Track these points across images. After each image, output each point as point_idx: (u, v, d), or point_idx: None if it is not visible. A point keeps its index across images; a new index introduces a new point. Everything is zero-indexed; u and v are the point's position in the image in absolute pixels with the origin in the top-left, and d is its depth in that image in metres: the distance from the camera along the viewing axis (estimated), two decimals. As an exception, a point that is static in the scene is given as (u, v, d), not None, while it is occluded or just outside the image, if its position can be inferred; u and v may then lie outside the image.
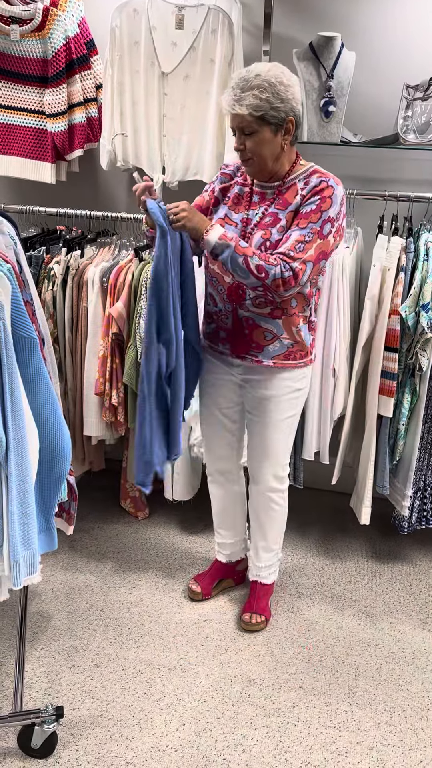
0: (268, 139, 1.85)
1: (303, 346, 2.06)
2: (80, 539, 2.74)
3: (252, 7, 2.63)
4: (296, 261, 1.83)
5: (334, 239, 1.90)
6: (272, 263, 1.83)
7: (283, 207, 1.92)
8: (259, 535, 2.30)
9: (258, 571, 2.34)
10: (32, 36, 2.59)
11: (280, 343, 2.02)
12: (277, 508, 2.26)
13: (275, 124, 1.83)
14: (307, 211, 1.86)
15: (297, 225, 1.86)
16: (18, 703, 1.83)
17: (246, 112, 1.80)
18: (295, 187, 1.92)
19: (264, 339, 2.01)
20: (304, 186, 1.91)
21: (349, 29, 2.59)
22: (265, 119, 1.81)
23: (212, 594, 2.42)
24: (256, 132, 1.83)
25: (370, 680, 2.11)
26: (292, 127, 1.86)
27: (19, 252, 1.71)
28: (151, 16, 2.45)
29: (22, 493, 1.39)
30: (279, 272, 1.82)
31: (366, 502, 2.50)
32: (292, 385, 2.09)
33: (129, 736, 1.87)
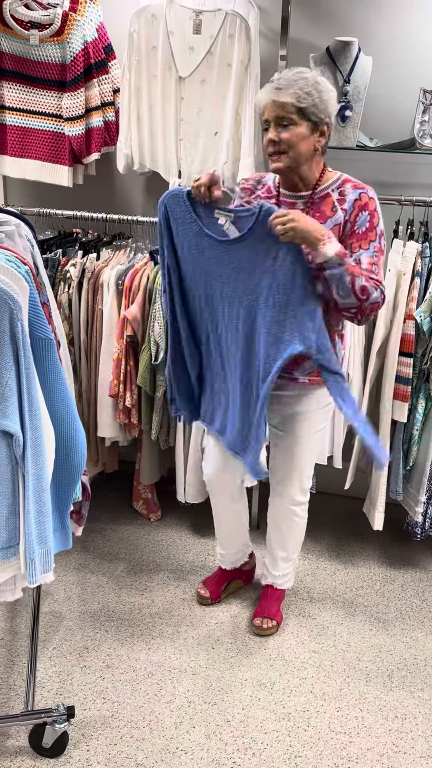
0: (304, 134, 1.79)
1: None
2: (93, 540, 2.76)
3: (269, 12, 2.64)
4: (381, 284, 1.80)
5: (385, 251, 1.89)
6: (374, 284, 1.77)
7: (322, 219, 1.85)
8: (280, 547, 2.28)
9: (274, 579, 2.33)
10: (51, 41, 2.61)
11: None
12: (298, 520, 2.24)
13: (314, 122, 1.79)
14: (364, 230, 1.82)
15: (360, 247, 1.81)
16: (30, 702, 1.84)
17: (290, 100, 1.75)
18: (330, 198, 1.86)
19: (301, 356, 1.91)
20: (341, 197, 1.85)
21: (367, 34, 2.60)
22: (306, 113, 1.77)
23: (222, 597, 2.42)
24: (295, 125, 1.77)
25: (381, 686, 2.10)
26: (327, 130, 1.83)
27: (36, 254, 1.73)
28: (169, 21, 2.47)
29: (38, 491, 1.40)
30: (378, 295, 1.78)
31: (379, 507, 2.49)
32: (324, 399, 2.05)
33: (139, 738, 1.87)
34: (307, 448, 2.11)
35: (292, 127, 1.78)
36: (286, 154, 1.81)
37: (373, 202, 1.85)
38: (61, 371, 1.45)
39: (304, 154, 1.82)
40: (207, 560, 2.66)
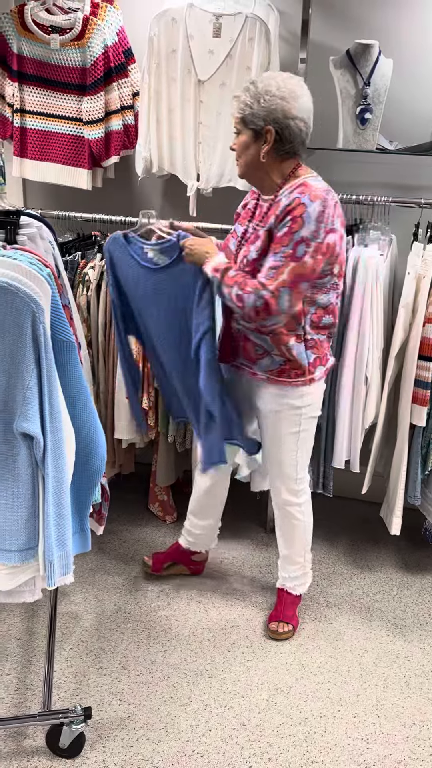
0: (246, 142, 1.88)
1: (298, 365, 2.00)
2: (109, 541, 2.76)
3: (289, 15, 2.64)
4: (266, 289, 1.82)
5: (312, 259, 1.82)
6: (248, 292, 1.84)
7: (264, 224, 1.91)
8: (283, 546, 2.30)
9: (284, 580, 2.33)
10: (71, 45, 2.63)
11: (270, 359, 2.01)
12: (296, 522, 2.24)
13: (254, 130, 1.84)
14: (280, 234, 1.83)
15: (273, 251, 1.84)
16: (47, 702, 1.85)
17: (233, 111, 1.89)
18: (279, 203, 1.87)
19: (255, 353, 2.03)
20: (285, 202, 1.86)
21: (387, 36, 2.58)
22: (245, 122, 1.86)
23: (162, 572, 2.50)
24: (240, 133, 1.89)
25: (398, 693, 2.08)
26: (271, 138, 1.83)
27: (57, 257, 1.74)
28: (189, 25, 2.48)
29: (58, 494, 1.41)
30: (252, 301, 1.83)
31: (397, 512, 2.48)
32: (290, 402, 2.05)
33: (155, 740, 1.88)
34: (282, 450, 2.12)
35: (240, 135, 1.90)
36: (239, 160, 1.93)
37: (302, 208, 1.79)
38: (82, 373, 1.46)
39: (250, 161, 1.89)
40: (223, 563, 2.66)
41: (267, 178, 1.92)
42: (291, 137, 1.84)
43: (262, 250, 1.89)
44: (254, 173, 1.91)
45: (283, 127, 1.82)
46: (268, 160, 1.87)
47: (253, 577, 2.59)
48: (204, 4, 2.47)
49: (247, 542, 2.81)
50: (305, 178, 1.89)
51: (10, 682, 2.05)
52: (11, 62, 2.71)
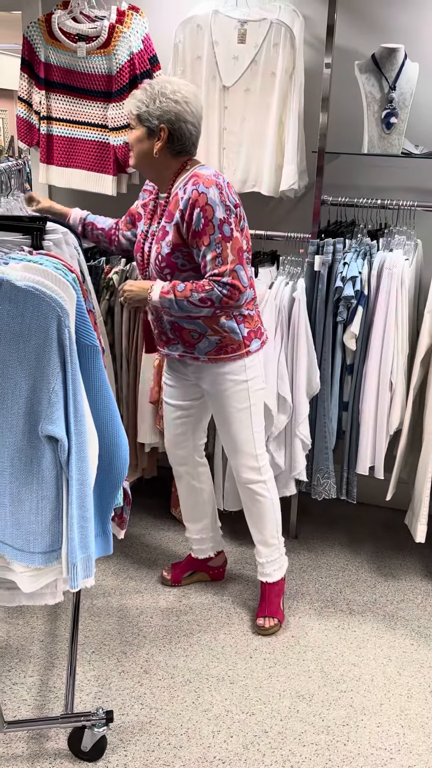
0: (140, 138, 1.97)
1: (233, 340, 2.08)
2: (131, 545, 2.77)
3: (314, 20, 2.64)
4: (224, 276, 1.91)
5: (239, 233, 1.95)
6: (208, 288, 1.91)
7: (169, 219, 1.98)
8: (254, 530, 2.32)
9: (261, 568, 2.35)
10: (98, 53, 2.66)
11: (207, 340, 2.07)
12: (261, 499, 2.27)
13: (148, 128, 1.94)
14: (201, 228, 1.90)
15: (203, 244, 1.91)
16: (69, 705, 1.85)
17: (130, 107, 1.97)
18: (177, 197, 1.97)
19: (192, 338, 2.09)
20: (183, 195, 1.94)
21: (413, 40, 2.57)
22: (140, 119, 1.95)
23: (182, 583, 2.52)
24: (134, 128, 1.98)
25: (423, 702, 2.05)
26: (164, 136, 1.93)
27: (81, 262, 1.76)
28: (214, 31, 2.49)
29: (81, 496, 1.41)
30: (218, 292, 1.91)
31: (422, 519, 2.45)
32: (234, 378, 2.12)
33: (177, 745, 1.87)
34: (235, 427, 2.17)
35: (133, 130, 1.99)
36: (132, 152, 2.02)
37: (203, 197, 1.89)
38: (105, 378, 1.47)
39: (143, 156, 1.99)
40: (245, 568, 2.65)
41: (161, 172, 2.01)
42: (182, 138, 1.96)
43: (173, 244, 1.96)
44: (148, 167, 2.01)
45: (175, 128, 1.94)
46: (160, 156, 1.98)
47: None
48: (229, 11, 2.48)
49: (270, 548, 2.79)
50: (194, 169, 1.99)
51: (33, 684, 2.06)
52: (39, 70, 2.75)
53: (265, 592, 2.35)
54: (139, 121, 1.96)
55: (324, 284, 2.44)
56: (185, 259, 1.97)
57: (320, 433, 2.53)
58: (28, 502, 1.42)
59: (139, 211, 2.17)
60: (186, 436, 2.34)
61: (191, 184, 1.93)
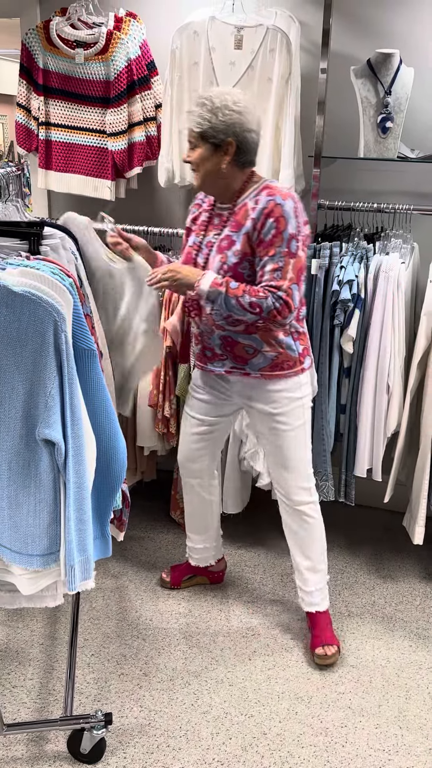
0: (205, 155, 1.93)
1: (289, 357, 2.06)
2: (131, 548, 2.78)
3: (310, 26, 2.66)
4: (281, 290, 1.88)
5: (303, 252, 1.93)
6: (262, 296, 1.88)
7: (236, 229, 1.95)
8: (301, 556, 2.22)
9: (310, 598, 2.24)
10: (96, 59, 2.68)
11: (262, 356, 2.04)
12: (311, 521, 2.20)
13: (214, 144, 1.91)
14: (270, 238, 1.88)
15: (267, 254, 1.89)
16: (68, 707, 1.86)
17: (190, 126, 1.94)
18: (246, 207, 1.94)
19: (246, 353, 2.05)
20: (255, 206, 1.92)
21: (408, 45, 2.59)
22: (204, 137, 1.91)
23: (182, 586, 2.52)
24: (197, 147, 1.94)
25: (421, 704, 2.06)
26: (232, 149, 1.91)
27: (79, 267, 1.77)
28: (211, 38, 2.51)
29: (79, 499, 1.43)
30: (271, 303, 1.88)
31: (419, 521, 2.46)
32: (290, 395, 2.08)
33: (176, 747, 1.88)
34: (290, 446, 2.12)
35: (197, 149, 1.95)
36: (197, 173, 1.98)
37: (279, 209, 1.88)
38: (103, 381, 1.48)
39: (210, 172, 1.95)
40: (244, 570, 2.66)
41: (227, 187, 1.98)
42: (248, 149, 1.94)
43: (242, 253, 1.93)
44: (214, 183, 1.97)
45: (241, 139, 1.92)
46: (228, 170, 1.95)
47: (274, 585, 2.58)
48: (225, 17, 2.50)
49: (269, 549, 2.80)
50: (265, 182, 1.98)
51: (33, 686, 2.07)
52: (37, 77, 2.77)
53: (317, 623, 2.25)
54: (202, 138, 1.91)
55: (321, 288, 2.45)
56: (251, 269, 1.94)
57: (318, 436, 2.54)
58: (26, 505, 1.43)
59: (188, 227, 2.14)
60: (205, 451, 2.30)
61: (265, 194, 1.91)
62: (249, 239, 1.92)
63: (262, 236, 1.89)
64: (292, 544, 2.25)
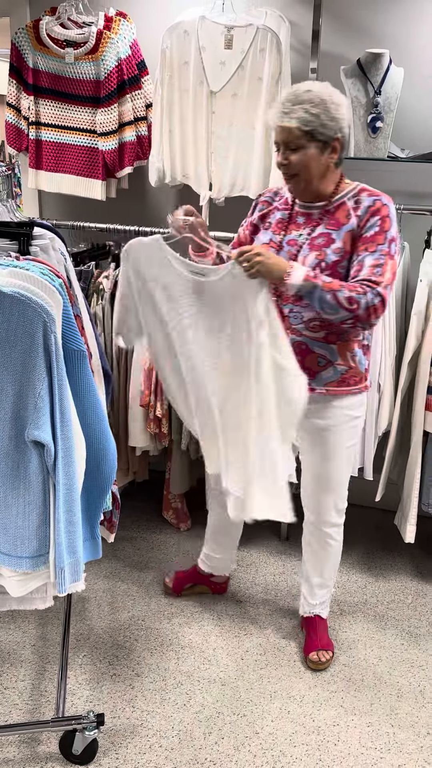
0: (314, 156, 1.80)
1: (357, 372, 1.96)
2: (123, 548, 2.78)
3: (300, 26, 2.66)
4: (380, 286, 1.76)
5: (397, 256, 1.86)
6: (360, 291, 1.75)
7: (335, 227, 1.86)
8: (315, 572, 2.20)
9: (312, 608, 2.25)
10: (86, 58, 2.67)
11: (333, 369, 1.93)
12: (334, 543, 2.17)
13: (323, 142, 1.79)
14: (372, 234, 1.81)
15: (366, 250, 1.80)
16: (60, 708, 1.86)
17: (295, 125, 1.76)
18: (346, 206, 1.87)
19: (317, 365, 1.92)
20: (356, 205, 1.85)
21: (398, 45, 2.59)
22: (314, 135, 1.77)
23: (182, 594, 2.46)
24: (303, 148, 1.78)
25: (413, 702, 2.06)
26: (339, 146, 1.82)
27: (69, 267, 1.77)
28: (201, 37, 2.51)
29: (68, 501, 1.42)
30: (370, 299, 1.75)
31: (411, 519, 2.46)
32: (350, 413, 1.99)
33: (168, 747, 1.88)
34: (338, 465, 2.04)
35: (301, 150, 1.79)
36: (298, 176, 1.83)
37: (386, 209, 1.83)
38: (93, 382, 1.48)
39: (316, 173, 1.83)
40: (237, 570, 2.66)
41: (325, 187, 1.87)
42: (346, 146, 1.87)
43: (343, 251, 1.84)
44: (318, 183, 1.85)
45: (344, 134, 1.82)
46: (330, 169, 1.85)
47: (267, 585, 2.59)
48: (216, 17, 2.50)
49: (262, 549, 2.81)
50: (360, 184, 1.90)
51: (25, 688, 2.07)
52: (27, 76, 2.76)
53: (315, 627, 2.24)
54: (311, 137, 1.77)
55: (312, 287, 2.45)
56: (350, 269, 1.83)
57: (310, 435, 2.55)
58: (15, 507, 1.43)
59: (254, 223, 2.04)
60: None
61: (367, 195, 1.85)
62: (352, 236, 1.83)
63: (363, 232, 1.81)
64: (308, 559, 2.21)
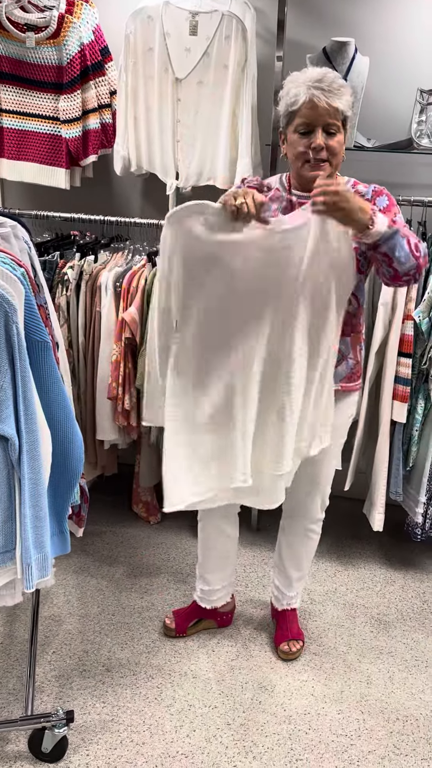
0: (342, 143, 1.70)
1: (360, 367, 1.94)
2: (92, 543, 2.75)
3: (265, 13, 2.64)
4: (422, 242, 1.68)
5: None
6: (420, 241, 1.66)
7: None
8: (294, 568, 2.19)
9: (287, 600, 2.24)
10: (47, 43, 2.61)
11: (346, 364, 1.88)
12: (314, 537, 2.17)
13: (345, 131, 1.71)
14: (385, 206, 1.74)
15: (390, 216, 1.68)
16: (29, 706, 1.83)
17: (343, 107, 1.65)
18: None
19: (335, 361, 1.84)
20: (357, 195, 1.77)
21: (363, 34, 2.59)
22: (345, 122, 1.70)
23: (187, 633, 2.25)
24: (339, 132, 1.68)
25: (382, 688, 2.09)
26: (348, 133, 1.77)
27: (33, 256, 1.73)
28: (165, 23, 2.47)
29: (35, 496, 1.39)
30: (424, 251, 1.65)
31: (379, 508, 2.49)
32: (350, 411, 1.98)
33: (139, 742, 1.86)
34: (330, 464, 2.03)
35: (338, 135, 1.68)
36: (329, 163, 1.70)
37: (385, 190, 1.80)
38: (57, 374, 1.45)
39: (339, 162, 1.75)
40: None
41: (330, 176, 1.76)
42: None
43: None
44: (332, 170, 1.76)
45: None
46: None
47: (237, 576, 2.58)
48: (180, 2, 2.46)
49: (231, 541, 2.80)
50: (349, 178, 1.85)
51: (-8, 686, 2.03)
52: (-14, 61, 2.69)
53: (286, 618, 2.24)
54: (344, 123, 1.69)
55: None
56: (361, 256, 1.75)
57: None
58: (-21, 503, 1.39)
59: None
60: None
61: (362, 186, 1.80)
62: None
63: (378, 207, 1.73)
64: (288, 556, 2.18)
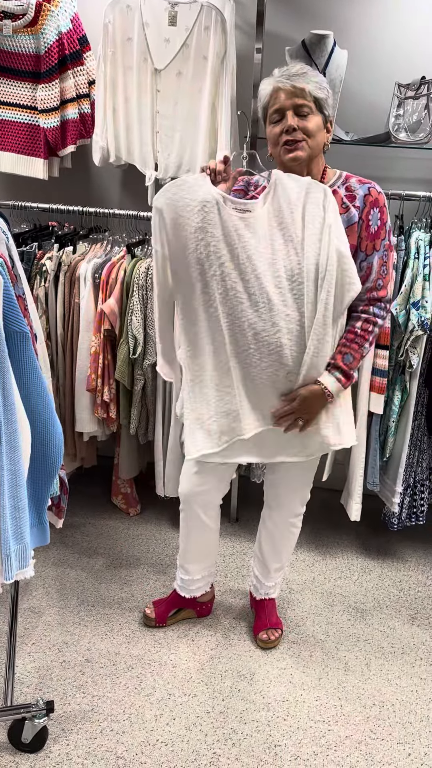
0: (320, 125, 1.74)
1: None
2: (72, 535, 2.75)
3: (245, 5, 2.63)
4: (384, 298, 1.83)
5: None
6: (370, 329, 1.81)
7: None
8: (274, 560, 2.20)
9: (266, 589, 2.26)
10: (25, 31, 2.58)
11: None
12: (295, 530, 2.18)
13: (324, 116, 1.76)
14: (376, 229, 1.79)
15: (374, 248, 1.80)
16: (9, 697, 1.83)
17: (310, 87, 1.71)
18: (338, 194, 1.80)
19: None
20: (348, 193, 1.80)
21: (342, 27, 2.60)
22: (320, 105, 1.73)
23: (167, 623, 2.27)
24: (313, 113, 1.73)
25: (359, 675, 2.12)
26: (331, 129, 1.81)
27: (11, 247, 1.71)
28: (145, 13, 2.45)
29: (13, 487, 1.39)
30: (381, 324, 1.83)
31: (356, 498, 2.52)
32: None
33: (119, 731, 1.88)
34: (316, 461, 2.05)
35: (311, 116, 1.73)
36: (306, 143, 1.74)
37: (381, 197, 1.81)
38: (36, 365, 1.44)
39: (317, 146, 1.77)
40: (186, 553, 2.66)
41: (317, 169, 1.82)
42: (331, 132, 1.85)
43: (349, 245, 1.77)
44: (313, 160, 1.79)
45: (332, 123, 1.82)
46: (321, 150, 1.81)
47: (218, 566, 2.60)
48: (159, -8, 2.44)
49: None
50: (341, 171, 1.86)
51: (-29, 679, 2.03)
52: (-38, 48, 2.65)
53: (265, 607, 2.26)
54: (318, 106, 1.72)
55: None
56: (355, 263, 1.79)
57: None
58: (-43, 494, 1.39)
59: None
60: (227, 484, 2.10)
61: (357, 182, 1.80)
62: (358, 229, 1.78)
63: (369, 226, 1.79)
64: (268, 549, 2.19)
